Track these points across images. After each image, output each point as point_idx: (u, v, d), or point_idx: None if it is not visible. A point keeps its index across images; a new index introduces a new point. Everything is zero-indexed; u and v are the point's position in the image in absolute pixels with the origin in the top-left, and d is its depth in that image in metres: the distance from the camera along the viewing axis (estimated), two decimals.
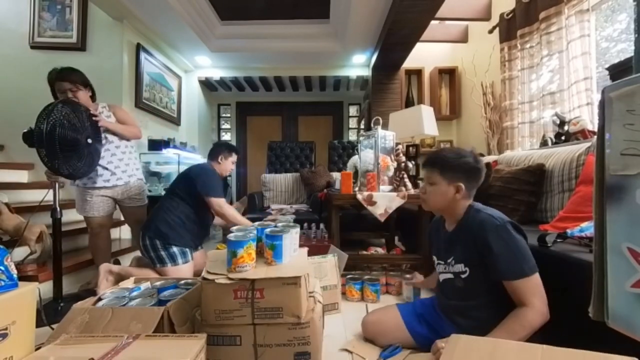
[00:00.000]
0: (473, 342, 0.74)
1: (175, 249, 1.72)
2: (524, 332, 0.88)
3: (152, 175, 3.16)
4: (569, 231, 1.09)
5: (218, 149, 2.02)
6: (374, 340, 1.23)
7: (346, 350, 1.20)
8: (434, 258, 1.20)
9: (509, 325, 0.90)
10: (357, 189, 2.04)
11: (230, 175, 5.20)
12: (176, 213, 1.77)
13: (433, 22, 2.84)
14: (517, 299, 0.92)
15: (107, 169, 1.84)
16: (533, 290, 0.90)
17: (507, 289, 0.94)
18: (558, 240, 1.08)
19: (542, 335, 0.96)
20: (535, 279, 0.91)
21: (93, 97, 1.87)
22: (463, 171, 1.04)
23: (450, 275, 1.09)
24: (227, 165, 2.02)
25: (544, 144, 2.07)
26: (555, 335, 0.99)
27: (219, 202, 1.80)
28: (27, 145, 1.49)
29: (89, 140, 1.66)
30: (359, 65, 4.10)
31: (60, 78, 1.72)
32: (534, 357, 0.63)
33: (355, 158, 2.75)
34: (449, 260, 1.09)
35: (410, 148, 2.76)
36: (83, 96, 1.77)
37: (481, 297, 1.02)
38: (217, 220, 2.04)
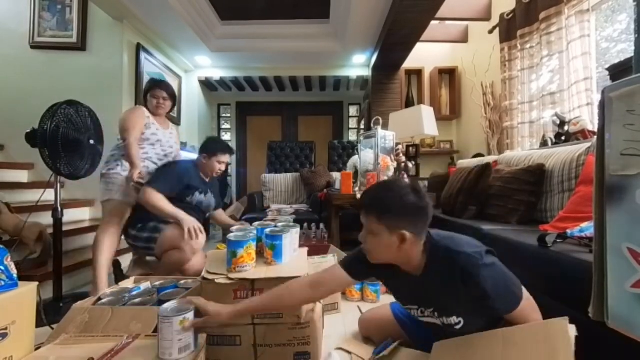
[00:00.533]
0: (450, 343, 0.88)
1: (153, 223, 1.63)
2: None
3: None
4: (569, 231, 1.09)
5: (203, 147, 1.88)
6: (370, 337, 1.24)
7: (341, 349, 1.20)
8: (399, 299, 1.03)
9: None
10: (357, 189, 2.04)
11: (230, 175, 5.20)
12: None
13: (433, 22, 2.84)
14: (517, 322, 0.83)
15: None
16: (529, 309, 0.84)
17: (504, 317, 0.85)
18: (558, 240, 1.08)
19: None
20: (526, 297, 0.84)
21: (171, 110, 2.04)
22: (406, 214, 0.82)
23: (436, 322, 0.92)
24: (212, 165, 1.85)
25: (544, 144, 2.07)
26: None
27: (147, 190, 1.59)
28: (30, 145, 1.49)
29: (92, 141, 1.67)
30: (359, 65, 4.10)
31: (161, 87, 1.91)
32: (497, 338, 0.75)
33: (355, 158, 2.75)
34: (428, 311, 0.92)
35: (410, 148, 2.77)
36: (169, 108, 1.96)
37: (477, 330, 0.89)
38: (220, 218, 2.04)
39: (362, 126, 4.63)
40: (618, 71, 1.50)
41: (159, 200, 1.58)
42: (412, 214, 0.82)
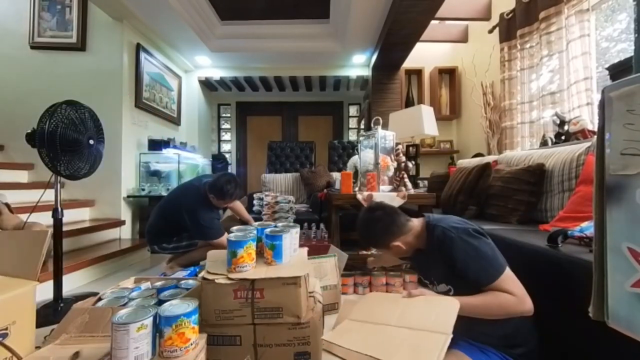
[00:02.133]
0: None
1: (185, 234, 2.00)
2: (497, 307, 0.86)
3: (152, 175, 3.17)
4: (569, 231, 1.09)
5: (213, 188, 1.97)
6: None
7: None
8: (421, 276, 1.21)
9: (486, 296, 0.88)
10: (357, 189, 2.04)
11: None
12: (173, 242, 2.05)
13: (433, 22, 2.84)
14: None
15: None
16: (509, 286, 0.88)
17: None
18: (563, 240, 1.08)
19: (542, 334, 0.96)
20: (507, 275, 0.90)
21: None
22: (383, 237, 1.07)
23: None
24: (219, 204, 2.05)
25: (544, 143, 2.07)
26: (555, 334, 0.99)
27: (221, 242, 1.93)
28: (31, 145, 1.48)
29: (91, 141, 1.66)
30: (359, 65, 4.10)
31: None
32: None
33: (355, 158, 2.75)
34: (433, 280, 1.09)
35: (411, 148, 2.76)
36: None
37: None
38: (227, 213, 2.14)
39: (362, 126, 4.63)
40: (618, 71, 1.50)
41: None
42: (385, 232, 1.07)
